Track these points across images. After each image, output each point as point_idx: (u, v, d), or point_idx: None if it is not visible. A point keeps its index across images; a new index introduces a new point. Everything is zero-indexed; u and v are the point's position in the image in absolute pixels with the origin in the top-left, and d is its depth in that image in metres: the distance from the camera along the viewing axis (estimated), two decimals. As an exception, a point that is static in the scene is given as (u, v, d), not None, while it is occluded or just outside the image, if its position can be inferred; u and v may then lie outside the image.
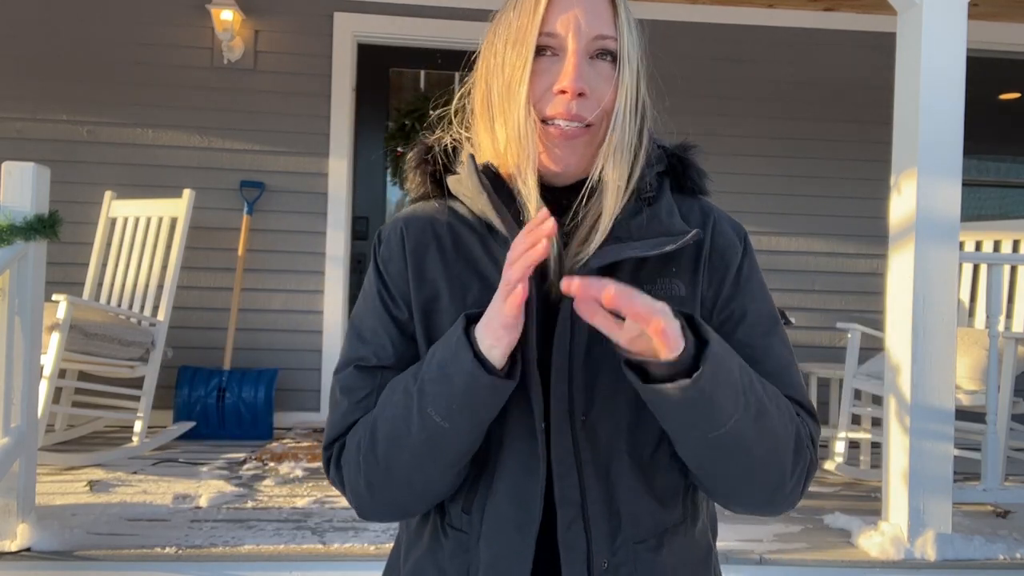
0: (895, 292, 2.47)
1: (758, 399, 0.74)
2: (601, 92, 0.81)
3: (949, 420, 2.39)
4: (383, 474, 0.80)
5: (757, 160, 4.31)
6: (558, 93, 0.80)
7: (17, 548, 2.14)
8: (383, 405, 0.81)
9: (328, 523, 2.47)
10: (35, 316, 2.29)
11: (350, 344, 0.88)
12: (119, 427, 3.77)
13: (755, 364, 0.81)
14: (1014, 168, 4.77)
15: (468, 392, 0.73)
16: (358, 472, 0.81)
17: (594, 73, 0.81)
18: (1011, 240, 3.39)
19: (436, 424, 0.75)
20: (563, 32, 0.80)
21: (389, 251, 0.88)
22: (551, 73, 0.81)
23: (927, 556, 2.30)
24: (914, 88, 2.41)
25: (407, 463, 0.78)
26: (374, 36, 4.31)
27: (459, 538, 0.83)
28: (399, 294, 0.86)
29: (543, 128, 0.81)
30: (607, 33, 0.81)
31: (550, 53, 0.81)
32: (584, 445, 0.80)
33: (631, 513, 0.80)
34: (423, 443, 0.76)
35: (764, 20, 4.32)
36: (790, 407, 0.80)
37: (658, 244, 0.80)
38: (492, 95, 0.84)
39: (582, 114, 0.80)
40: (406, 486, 0.80)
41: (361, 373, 0.85)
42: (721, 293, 0.85)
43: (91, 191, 3.95)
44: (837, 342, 4.30)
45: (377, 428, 0.80)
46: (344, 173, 4.22)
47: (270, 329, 4.17)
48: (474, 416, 0.75)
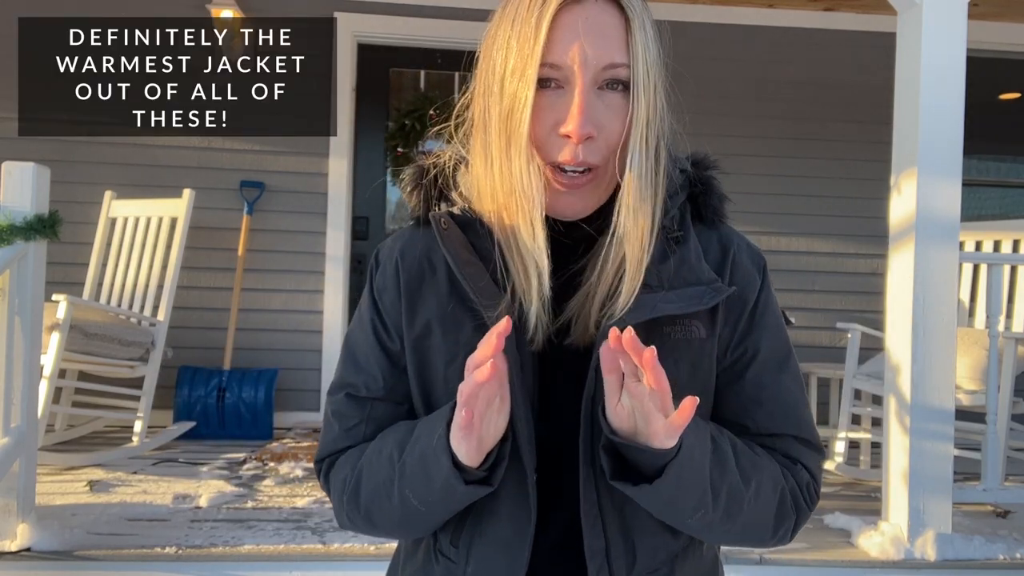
0: (895, 292, 2.47)
1: (732, 492, 0.75)
2: (610, 130, 0.74)
3: (949, 420, 2.39)
4: (364, 520, 0.83)
5: (757, 160, 4.30)
6: (563, 136, 0.73)
7: (17, 548, 2.14)
8: (369, 463, 0.81)
9: (328, 523, 2.47)
10: (35, 316, 2.29)
11: (344, 366, 0.87)
12: (119, 427, 3.77)
13: (763, 402, 0.82)
14: (1014, 168, 4.77)
15: (445, 493, 0.74)
16: (341, 507, 0.84)
17: (603, 107, 0.73)
18: (1011, 240, 3.39)
19: (415, 507, 0.77)
20: (568, 63, 0.72)
21: (384, 281, 0.85)
22: (555, 109, 0.73)
23: (927, 556, 2.30)
24: (914, 88, 2.41)
25: (387, 520, 0.81)
26: (374, 36, 4.31)
27: (449, 566, 0.82)
28: (392, 325, 0.84)
29: (547, 169, 0.75)
30: (618, 61, 0.73)
31: (554, 85, 0.73)
32: (604, 492, 0.77)
33: (646, 547, 0.80)
34: (402, 514, 0.79)
35: (764, 20, 4.31)
36: (776, 475, 0.80)
37: (692, 300, 0.77)
38: (490, 126, 0.77)
39: (588, 160, 0.73)
40: (385, 532, 0.84)
41: (351, 402, 0.85)
42: (737, 330, 0.82)
43: (91, 191, 3.94)
44: (837, 342, 4.29)
45: (361, 483, 0.81)
46: (344, 173, 4.22)
47: (270, 329, 4.17)
48: (452, 508, 0.77)
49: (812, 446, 0.84)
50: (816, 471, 0.84)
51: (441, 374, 0.80)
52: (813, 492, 0.84)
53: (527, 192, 0.74)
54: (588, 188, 0.76)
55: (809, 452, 0.84)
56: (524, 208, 0.75)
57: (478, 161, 0.80)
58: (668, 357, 0.74)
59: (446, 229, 0.79)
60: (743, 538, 0.81)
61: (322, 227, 4.21)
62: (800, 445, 0.83)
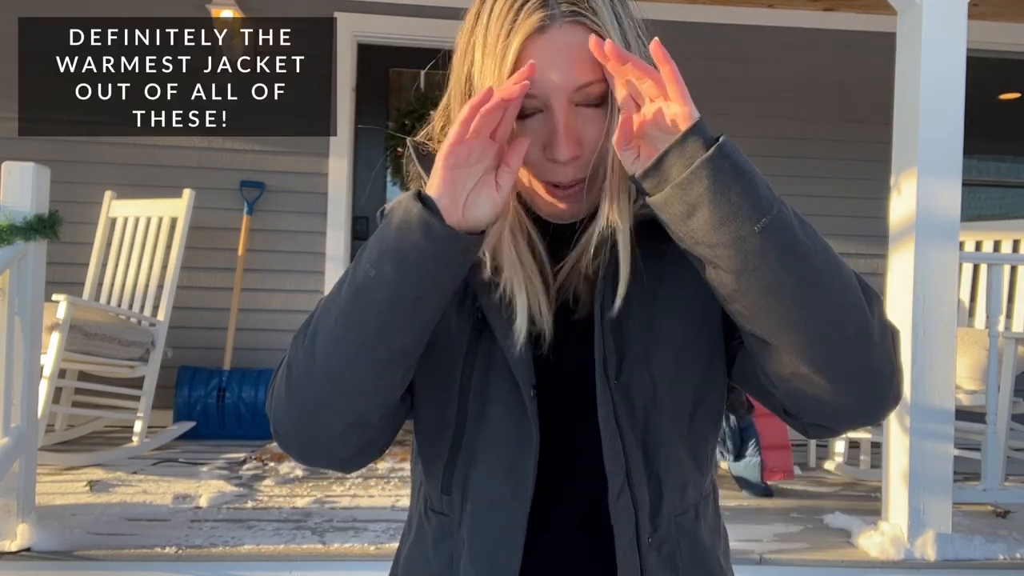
0: (895, 292, 2.47)
1: (796, 214, 0.71)
2: (594, 140, 0.76)
3: (949, 420, 2.39)
4: (304, 352, 0.73)
5: (756, 160, 4.24)
6: (549, 160, 0.75)
7: (17, 548, 2.14)
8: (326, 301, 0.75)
9: (328, 523, 2.47)
10: (35, 316, 2.29)
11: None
12: (119, 427, 3.76)
13: None
14: (1014, 168, 4.77)
15: (401, 230, 0.68)
16: (284, 361, 0.76)
17: (583, 123, 0.75)
18: (1011, 240, 3.39)
19: (364, 273, 0.70)
20: (542, 92, 0.73)
21: None
22: (538, 133, 0.75)
23: (927, 556, 2.30)
24: (914, 88, 2.41)
25: (330, 331, 0.71)
26: (374, 36, 4.31)
27: (441, 522, 0.80)
28: None
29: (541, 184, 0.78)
30: (589, 80, 0.73)
31: (532, 111, 0.74)
32: (621, 409, 0.76)
33: (673, 482, 0.78)
34: (348, 299, 0.70)
35: (764, 20, 4.31)
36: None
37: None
38: None
39: (578, 177, 0.76)
40: (321, 369, 0.72)
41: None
42: None
43: (91, 191, 3.94)
44: (837, 342, 4.29)
45: (314, 312, 0.75)
46: (344, 173, 4.22)
47: (270, 329, 4.17)
48: (403, 263, 0.68)
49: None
50: None
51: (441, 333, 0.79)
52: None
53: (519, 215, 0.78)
54: (580, 194, 0.78)
55: None
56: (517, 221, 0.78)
57: None
58: (675, 275, 0.78)
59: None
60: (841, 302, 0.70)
61: (322, 227, 4.21)
62: None
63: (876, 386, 0.74)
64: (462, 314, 0.79)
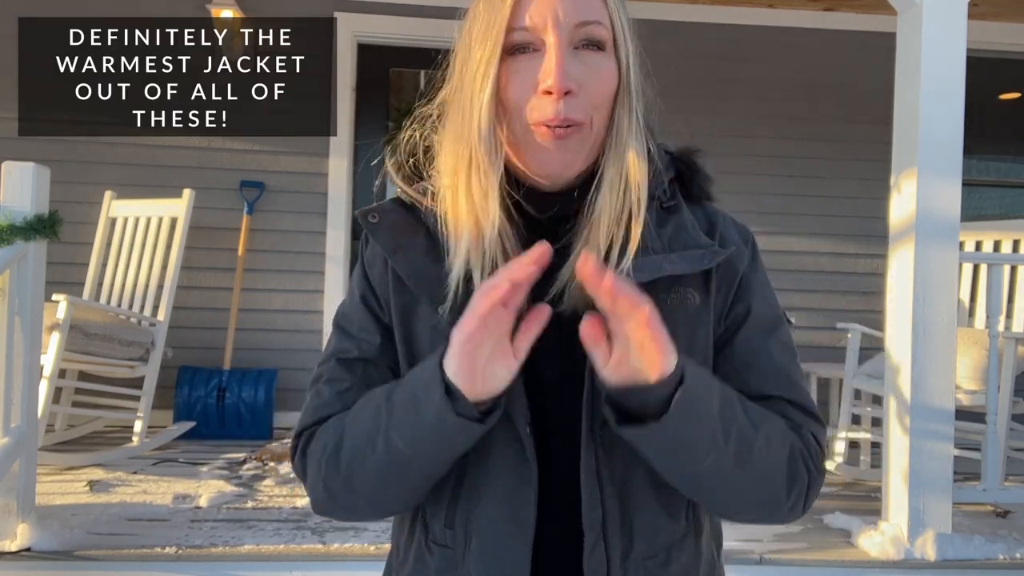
0: (895, 292, 2.47)
1: (741, 433, 0.71)
2: (591, 86, 0.72)
3: (949, 420, 2.39)
4: (343, 484, 0.77)
5: (757, 160, 4.31)
6: (543, 94, 0.71)
7: (17, 548, 2.14)
8: (354, 416, 0.77)
9: (328, 523, 2.47)
10: (35, 316, 2.29)
11: (334, 339, 0.85)
12: (119, 427, 3.76)
13: (754, 365, 0.79)
14: (1014, 168, 4.77)
15: (437, 428, 0.69)
16: (318, 474, 0.78)
17: (581, 65, 0.72)
18: (1011, 240, 3.39)
19: (400, 451, 0.72)
20: (539, 23, 0.71)
21: (373, 255, 0.84)
22: (532, 71, 0.72)
23: (927, 556, 2.30)
24: (914, 88, 2.41)
25: (368, 480, 0.75)
26: (374, 36, 4.31)
27: (445, 554, 0.80)
28: (382, 296, 0.82)
29: (529, 130, 0.73)
30: (592, 18, 0.72)
31: (531, 49, 0.72)
32: (603, 463, 0.76)
33: (644, 530, 0.78)
34: (386, 465, 0.73)
35: (764, 20, 4.31)
36: (783, 428, 0.77)
37: (695, 260, 0.77)
38: (461, 93, 0.76)
39: (572, 116, 0.72)
40: (364, 499, 0.78)
41: (342, 365, 0.82)
42: (729, 298, 0.82)
43: (91, 191, 3.94)
44: (837, 342, 4.29)
45: (343, 439, 0.76)
46: (344, 173, 4.23)
47: (270, 329, 4.17)
48: (441, 449, 0.72)
49: (810, 413, 0.81)
50: (820, 437, 0.81)
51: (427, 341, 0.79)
52: (820, 460, 0.80)
53: (485, 142, 0.73)
54: (574, 140, 0.73)
55: (808, 418, 0.81)
56: (476, 158, 0.73)
57: (447, 134, 0.79)
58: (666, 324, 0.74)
59: (375, 222, 0.81)
60: (758, 496, 0.75)
61: (322, 227, 4.21)
62: (797, 410, 0.80)
63: (771, 523, 0.82)
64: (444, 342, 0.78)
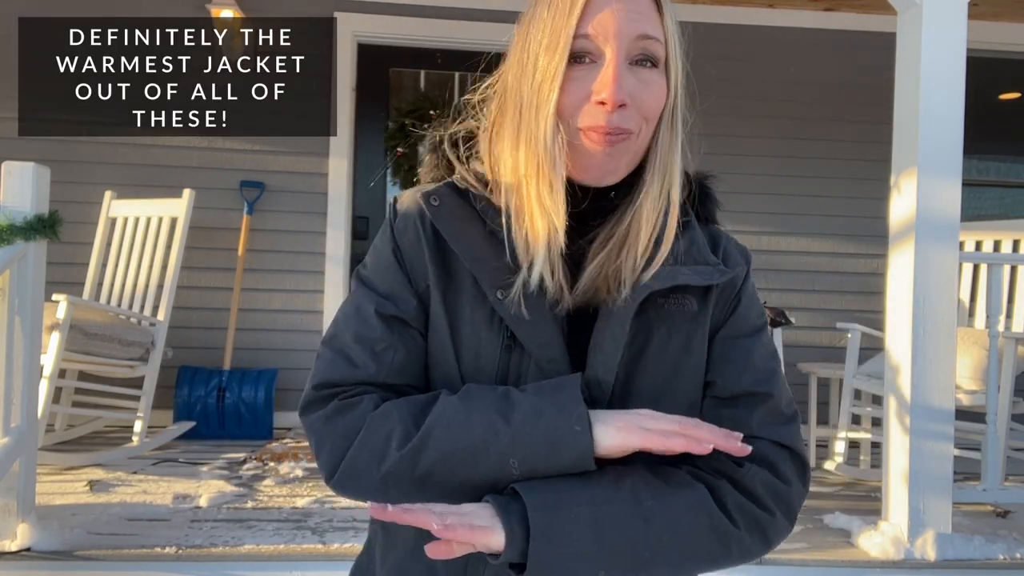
0: (895, 292, 2.47)
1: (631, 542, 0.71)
2: (642, 102, 0.76)
3: (949, 420, 2.39)
4: (412, 481, 0.75)
5: (757, 160, 4.31)
6: (597, 104, 0.75)
7: (17, 548, 2.14)
8: (450, 416, 0.74)
9: (328, 523, 2.47)
10: (35, 316, 2.29)
11: (360, 296, 0.83)
12: (119, 427, 3.77)
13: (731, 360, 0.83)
14: (1014, 168, 4.77)
15: (570, 468, 0.72)
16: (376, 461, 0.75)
17: (635, 81, 0.75)
18: (1011, 240, 3.39)
19: (509, 473, 0.73)
20: (601, 34, 0.74)
21: (405, 223, 0.84)
22: (588, 80, 0.75)
23: (927, 556, 2.30)
24: (914, 88, 2.41)
25: (446, 484, 0.74)
26: (374, 36, 4.31)
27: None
28: (412, 263, 0.82)
29: (578, 134, 0.76)
30: (651, 34, 0.76)
31: (588, 60, 0.75)
32: None
33: None
34: (483, 481, 0.73)
35: (764, 20, 4.31)
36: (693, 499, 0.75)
37: (705, 275, 0.81)
38: (522, 102, 0.78)
39: (623, 126, 0.75)
40: (423, 496, 0.74)
41: (381, 321, 0.80)
42: (725, 311, 0.86)
43: (91, 191, 3.94)
44: (837, 342, 4.29)
45: (431, 436, 0.74)
46: (344, 173, 4.22)
47: (270, 329, 4.17)
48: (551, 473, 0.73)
49: (779, 415, 0.81)
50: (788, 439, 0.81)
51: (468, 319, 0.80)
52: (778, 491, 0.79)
53: (550, 152, 0.75)
54: (621, 147, 0.77)
55: (777, 425, 0.81)
56: (544, 169, 0.76)
57: (505, 135, 0.81)
58: (662, 326, 0.80)
59: (436, 206, 0.82)
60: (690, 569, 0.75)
61: (322, 227, 4.21)
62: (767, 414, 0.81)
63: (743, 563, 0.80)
64: (491, 331, 0.79)
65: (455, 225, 0.81)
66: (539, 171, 0.76)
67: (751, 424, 0.80)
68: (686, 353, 0.81)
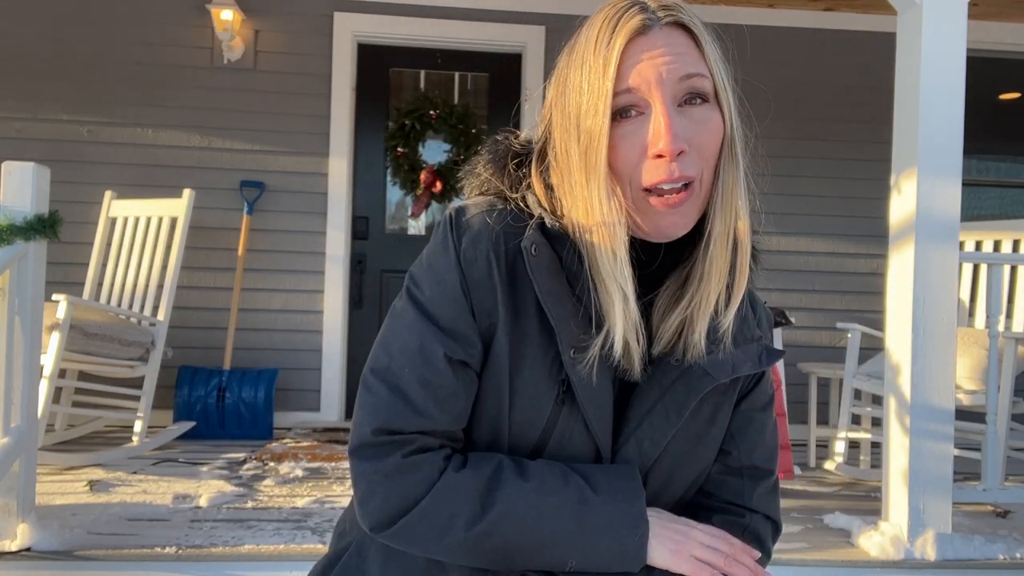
0: (895, 292, 2.47)
1: None
2: (700, 142, 0.73)
3: (949, 420, 2.39)
4: (469, 552, 0.75)
5: (757, 160, 4.30)
6: (654, 158, 0.72)
7: (17, 548, 2.14)
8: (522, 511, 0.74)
9: (328, 523, 2.47)
10: (35, 316, 2.29)
11: (421, 328, 0.75)
12: (119, 427, 3.77)
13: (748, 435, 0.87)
14: (1014, 168, 4.77)
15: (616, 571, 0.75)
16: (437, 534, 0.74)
17: (688, 122, 0.73)
18: (1011, 240, 3.39)
19: (564, 567, 0.75)
20: (642, 84, 0.71)
21: (475, 253, 0.76)
22: (640, 135, 0.72)
23: (927, 556, 2.30)
24: (914, 88, 2.41)
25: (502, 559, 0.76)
26: (374, 36, 4.31)
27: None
28: (479, 301, 0.76)
29: (643, 197, 0.74)
30: (695, 71, 0.73)
31: (635, 113, 0.73)
32: None
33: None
34: (539, 567, 0.76)
35: (764, 20, 4.31)
36: None
37: (756, 361, 0.83)
38: (571, 163, 0.75)
39: (686, 173, 0.72)
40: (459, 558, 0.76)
41: (450, 367, 0.74)
42: (750, 385, 0.88)
43: (91, 191, 3.95)
44: (837, 342, 4.29)
45: (500, 527, 0.73)
46: (344, 173, 4.23)
47: (270, 329, 4.18)
48: None
49: (775, 492, 0.89)
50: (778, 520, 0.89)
51: (529, 372, 0.76)
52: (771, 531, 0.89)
53: (608, 221, 0.73)
54: (688, 203, 0.75)
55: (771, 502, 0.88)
56: (605, 236, 0.73)
57: (565, 185, 0.77)
58: (693, 395, 0.80)
59: (536, 256, 0.75)
60: None
61: (322, 227, 4.21)
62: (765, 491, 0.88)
63: None
64: (549, 383, 0.77)
65: (550, 281, 0.76)
66: (601, 240, 0.74)
67: (751, 497, 0.86)
68: (711, 424, 0.83)
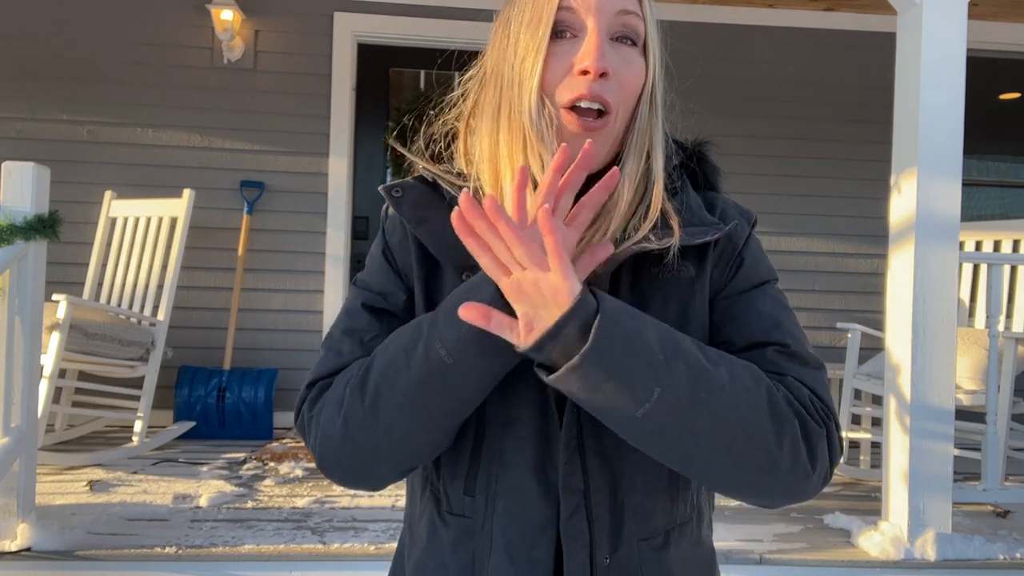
0: (895, 292, 2.47)
1: (692, 367, 0.67)
2: (623, 75, 0.76)
3: (949, 420, 2.39)
4: (364, 411, 0.73)
5: (757, 160, 4.31)
6: (579, 74, 0.75)
7: (17, 548, 2.14)
8: (387, 342, 0.76)
9: (328, 523, 2.47)
10: (35, 316, 2.29)
11: (354, 295, 0.85)
12: (119, 427, 3.77)
13: (735, 317, 0.79)
14: (1014, 168, 4.77)
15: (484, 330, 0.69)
16: (337, 409, 0.75)
17: (616, 55, 0.76)
18: (1011, 240, 3.39)
19: (439, 359, 0.70)
20: (583, 8, 0.75)
21: (393, 223, 0.86)
22: (570, 54, 0.76)
23: (927, 556, 2.30)
24: (914, 88, 2.41)
25: (396, 404, 0.72)
26: (374, 36, 4.31)
27: (462, 524, 0.79)
28: (402, 263, 0.84)
29: (561, 116, 0.76)
30: (631, 8, 0.77)
31: (569, 35, 0.76)
32: (588, 430, 0.75)
33: (636, 507, 0.77)
34: (419, 382, 0.71)
35: (764, 20, 4.31)
36: (754, 370, 0.72)
37: (698, 233, 0.78)
38: (502, 81, 0.79)
39: (604, 96, 0.75)
40: (384, 431, 0.73)
41: (370, 314, 0.82)
42: (726, 273, 0.82)
43: (91, 191, 3.95)
44: (837, 342, 4.29)
45: (374, 362, 0.75)
46: (344, 173, 4.22)
47: (270, 329, 4.17)
48: (482, 358, 0.70)
49: (801, 359, 0.76)
50: (817, 386, 0.75)
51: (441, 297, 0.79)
52: (820, 408, 0.74)
53: (536, 126, 0.75)
54: (601, 135, 0.76)
55: (797, 365, 0.76)
56: (532, 142, 0.75)
57: (485, 117, 0.81)
58: (656, 295, 0.78)
59: (399, 196, 0.82)
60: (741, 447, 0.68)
61: (322, 227, 4.21)
62: (784, 357, 0.76)
63: (792, 497, 0.74)
64: None
65: (419, 213, 0.81)
66: (527, 147, 0.76)
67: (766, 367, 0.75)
68: (684, 320, 0.78)
